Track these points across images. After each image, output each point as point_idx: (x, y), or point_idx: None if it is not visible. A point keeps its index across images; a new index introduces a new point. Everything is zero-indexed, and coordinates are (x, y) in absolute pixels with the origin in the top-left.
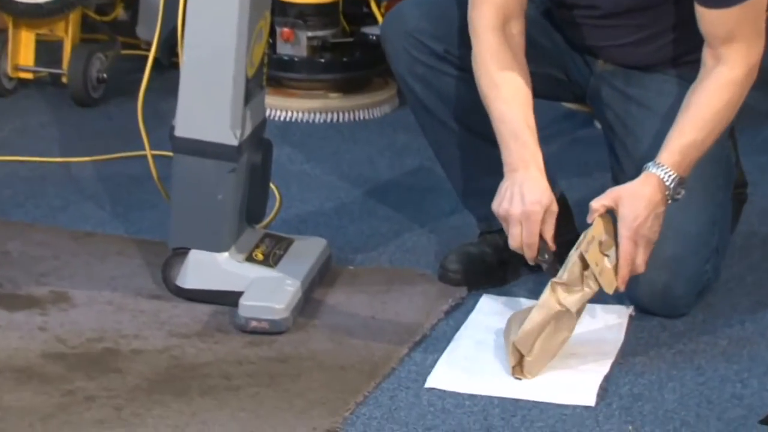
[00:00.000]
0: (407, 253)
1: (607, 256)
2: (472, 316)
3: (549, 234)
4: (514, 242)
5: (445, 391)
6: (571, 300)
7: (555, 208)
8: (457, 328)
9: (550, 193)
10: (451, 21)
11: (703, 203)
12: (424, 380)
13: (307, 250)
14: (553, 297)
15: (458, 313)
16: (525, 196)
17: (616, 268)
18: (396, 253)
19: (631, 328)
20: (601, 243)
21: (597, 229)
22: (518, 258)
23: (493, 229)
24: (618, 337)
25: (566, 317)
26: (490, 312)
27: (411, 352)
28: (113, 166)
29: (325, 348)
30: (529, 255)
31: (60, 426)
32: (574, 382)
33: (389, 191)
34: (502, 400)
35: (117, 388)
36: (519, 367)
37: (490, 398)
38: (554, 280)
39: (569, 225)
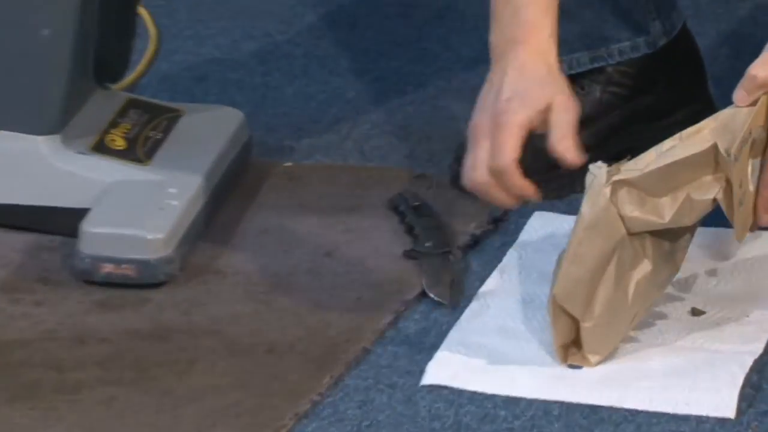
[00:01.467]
0: (383, 136)
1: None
2: (513, 254)
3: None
4: (467, 175)
5: (455, 391)
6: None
7: (568, 104)
8: (482, 279)
9: (558, 83)
10: None
11: None
12: (420, 374)
13: (208, 132)
14: (614, 207)
15: (486, 250)
16: (503, 92)
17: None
18: (364, 137)
19: None
20: (753, 142)
21: (757, 118)
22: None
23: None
24: None
25: (654, 247)
26: (545, 241)
27: (396, 323)
28: None
29: (241, 314)
30: (499, 197)
31: None
32: (696, 377)
33: (351, 22)
34: (562, 407)
35: None
36: (572, 347)
37: (544, 404)
38: (619, 170)
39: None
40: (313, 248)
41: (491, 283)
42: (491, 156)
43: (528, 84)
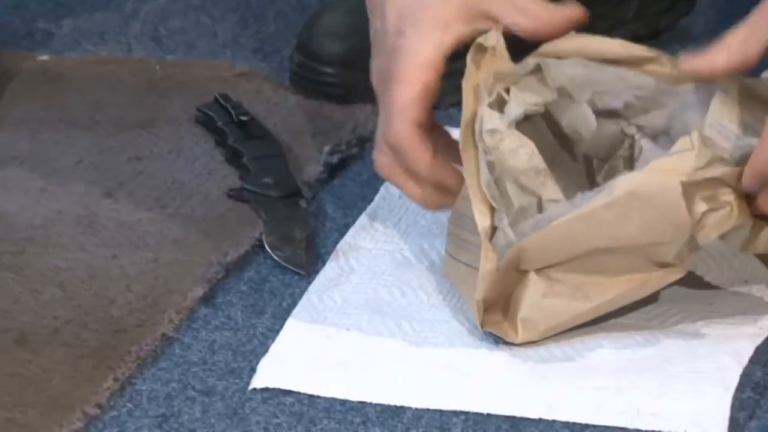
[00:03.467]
0: (189, 14)
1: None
2: (388, 190)
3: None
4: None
5: (302, 398)
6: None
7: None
8: (342, 228)
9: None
10: None
11: None
12: (250, 374)
13: None
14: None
15: (348, 185)
16: (387, 18)
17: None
18: (160, 15)
19: None
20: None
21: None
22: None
23: None
24: None
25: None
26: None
27: (214, 298)
28: None
29: None
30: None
31: None
32: (668, 374)
33: None
34: (466, 422)
35: None
36: (497, 310)
37: (440, 416)
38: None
39: None
40: (85, 186)
41: (356, 234)
42: (382, 125)
43: None
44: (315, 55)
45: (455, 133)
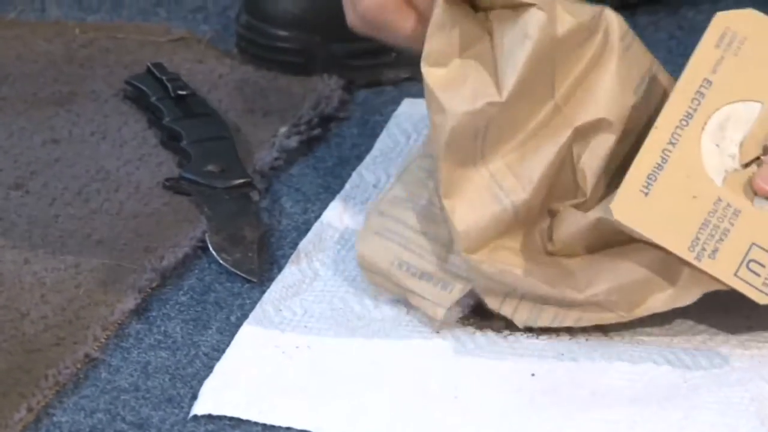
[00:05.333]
0: None
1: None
2: (361, 177)
3: None
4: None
5: (251, 428)
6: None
7: None
8: (301, 226)
9: None
10: None
11: None
12: (191, 400)
13: None
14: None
15: (308, 174)
16: None
17: None
18: None
19: None
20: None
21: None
22: None
23: None
24: None
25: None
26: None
27: (147, 311)
28: None
29: None
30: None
31: None
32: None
33: None
34: None
35: None
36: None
37: None
38: None
39: None
40: None
41: (320, 232)
42: None
43: None
44: (266, 15)
45: None
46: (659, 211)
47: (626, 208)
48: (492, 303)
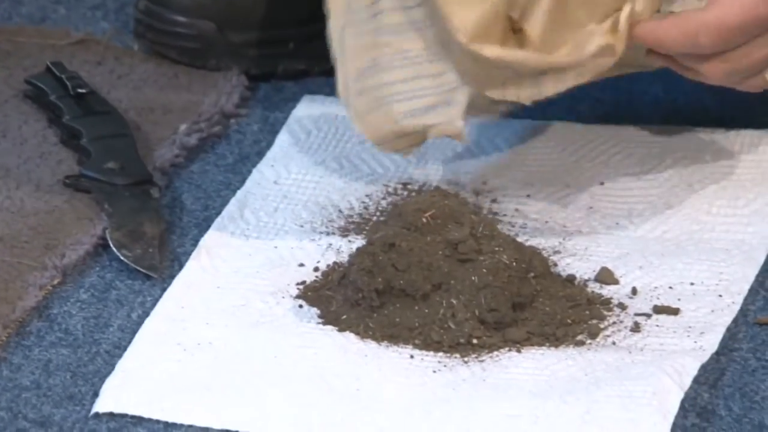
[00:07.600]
0: None
1: None
2: (263, 173)
3: None
4: None
5: (155, 426)
6: None
7: None
8: (203, 222)
9: None
10: None
11: None
12: (92, 398)
13: None
14: None
15: (209, 170)
16: None
17: None
18: None
19: None
20: None
21: None
22: None
23: None
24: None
25: None
26: (317, 144)
27: (47, 311)
28: None
29: None
30: None
31: None
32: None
33: None
34: None
35: None
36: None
37: None
38: None
39: None
40: None
41: (221, 228)
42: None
43: None
44: (164, 0)
45: None
46: None
47: None
48: (494, 93)
